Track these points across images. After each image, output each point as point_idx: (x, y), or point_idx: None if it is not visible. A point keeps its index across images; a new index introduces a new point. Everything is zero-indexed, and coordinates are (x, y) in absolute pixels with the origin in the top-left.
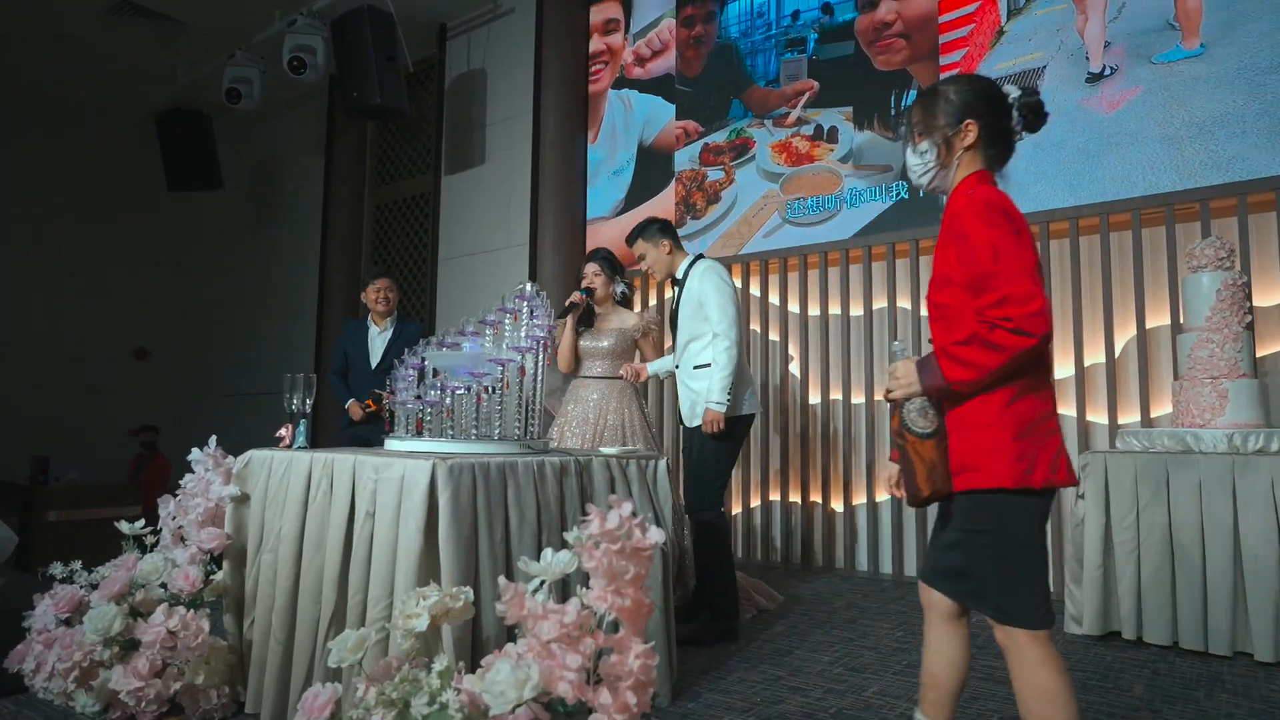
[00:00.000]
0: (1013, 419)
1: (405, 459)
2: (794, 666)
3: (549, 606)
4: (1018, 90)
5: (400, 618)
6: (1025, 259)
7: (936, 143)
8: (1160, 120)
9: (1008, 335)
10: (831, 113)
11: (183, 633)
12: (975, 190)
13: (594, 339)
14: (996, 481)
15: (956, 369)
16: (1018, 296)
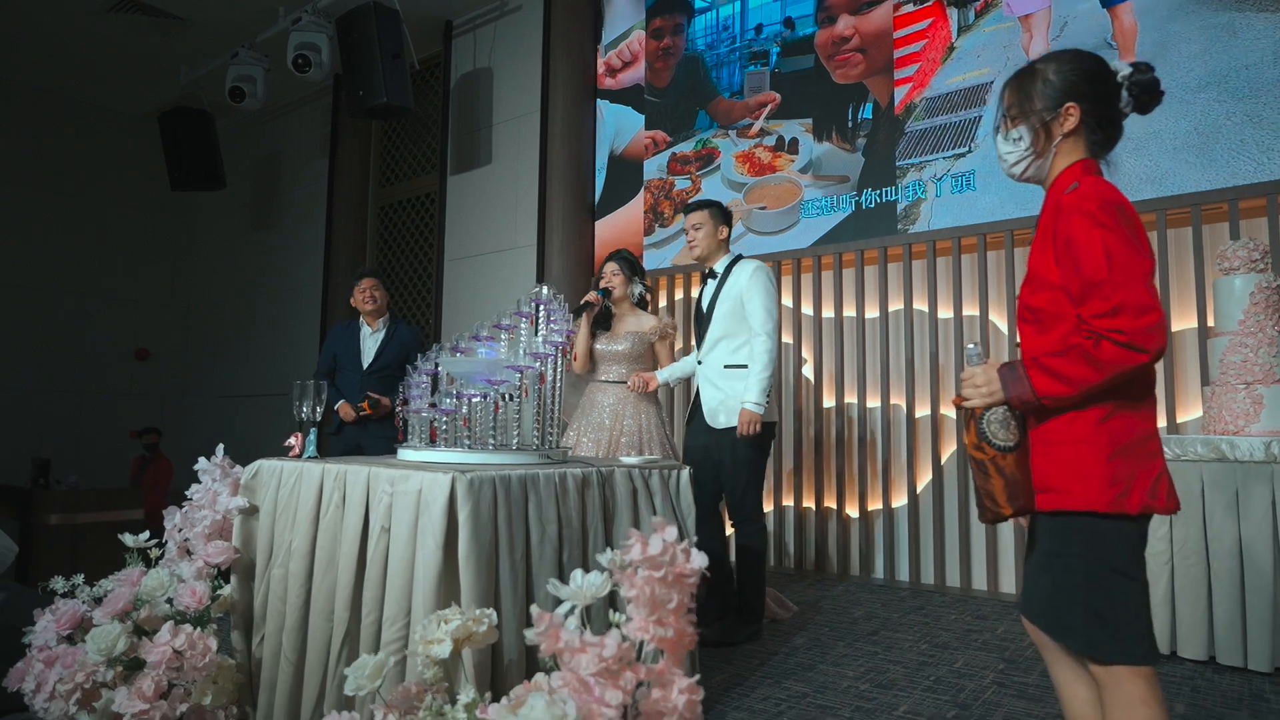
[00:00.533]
0: (1106, 437)
1: (422, 471)
2: (819, 683)
3: (587, 639)
4: (1128, 67)
5: (421, 643)
6: (1141, 264)
7: (1033, 128)
8: None
9: (1117, 350)
10: (792, 124)
11: (189, 652)
12: (1083, 183)
13: (609, 342)
14: (1086, 504)
15: (1049, 382)
16: (1132, 307)
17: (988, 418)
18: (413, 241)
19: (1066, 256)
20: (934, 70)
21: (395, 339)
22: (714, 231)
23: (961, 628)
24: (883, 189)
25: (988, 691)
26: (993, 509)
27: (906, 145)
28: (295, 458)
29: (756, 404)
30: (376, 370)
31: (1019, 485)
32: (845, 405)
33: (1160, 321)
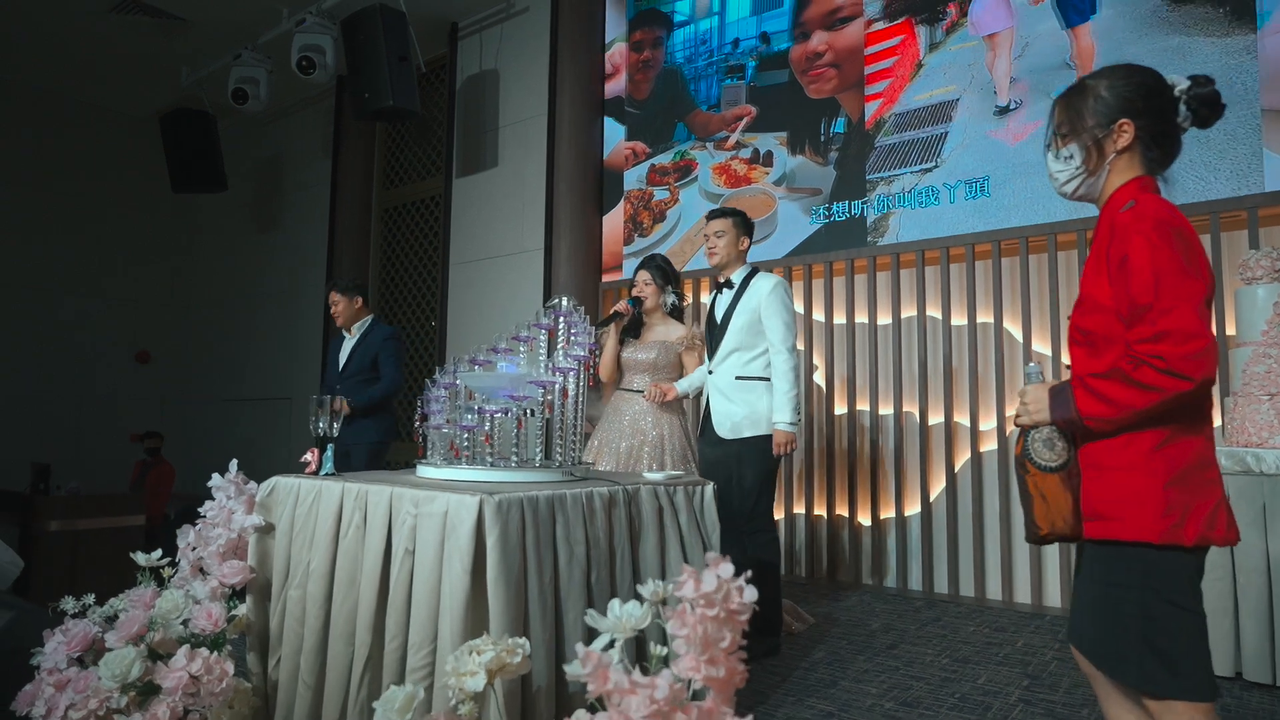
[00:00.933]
0: (1163, 465)
1: (448, 493)
2: (843, 700)
3: (637, 680)
4: (1186, 81)
5: (453, 675)
6: (1193, 289)
7: (1085, 145)
8: None
9: (1158, 375)
10: (767, 137)
11: (206, 677)
12: (1140, 201)
13: (637, 351)
14: (1140, 534)
15: (1092, 403)
16: (1177, 333)
17: (1033, 436)
18: (417, 245)
19: (1120, 277)
20: (903, 86)
21: (364, 342)
22: (735, 241)
23: (981, 640)
24: (853, 201)
25: (1015, 710)
26: (1031, 528)
27: (876, 159)
28: (312, 474)
29: (791, 424)
30: (349, 375)
31: (1059, 508)
32: (857, 412)
33: (1207, 348)
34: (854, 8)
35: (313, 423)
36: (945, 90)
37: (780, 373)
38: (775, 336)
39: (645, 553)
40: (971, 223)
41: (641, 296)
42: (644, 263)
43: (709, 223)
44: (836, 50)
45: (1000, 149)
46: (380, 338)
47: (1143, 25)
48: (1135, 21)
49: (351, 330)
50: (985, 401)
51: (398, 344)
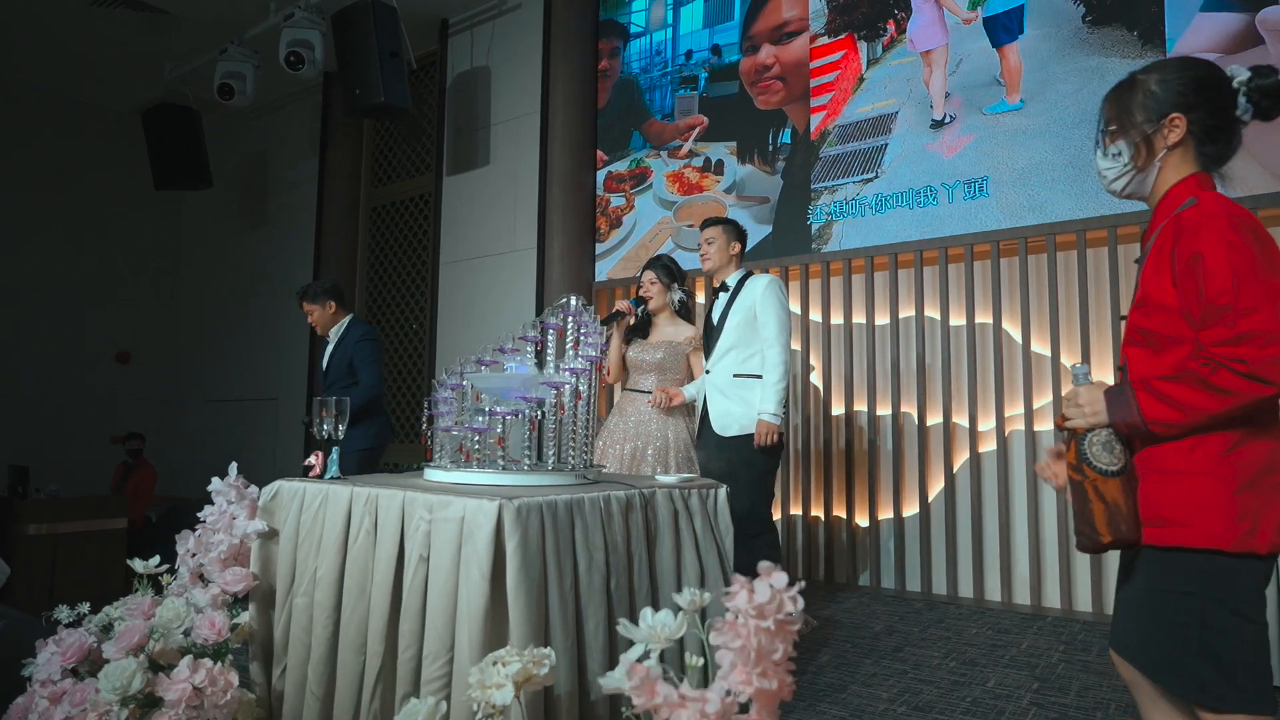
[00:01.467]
0: (1232, 469)
1: (464, 498)
2: (855, 705)
3: (687, 693)
4: (1247, 72)
5: (479, 688)
6: (1273, 289)
7: (1134, 142)
8: (989, 165)
9: (1237, 380)
10: (719, 146)
11: (210, 688)
12: (1202, 198)
13: (643, 351)
14: (1209, 541)
15: (1160, 407)
16: (1260, 335)
17: (1089, 439)
18: (407, 244)
19: (1189, 276)
20: (845, 99)
21: (341, 346)
22: (726, 246)
23: (985, 643)
24: (798, 210)
25: (1028, 714)
26: (1091, 536)
27: (820, 169)
28: (316, 478)
29: (774, 415)
30: (332, 382)
31: (1120, 512)
32: (855, 413)
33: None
34: (800, 23)
35: (316, 425)
36: (885, 104)
37: (770, 365)
38: (769, 332)
39: (661, 557)
40: (909, 231)
41: (647, 296)
42: (650, 262)
43: (702, 231)
44: (783, 64)
45: (936, 160)
46: (355, 339)
47: (1065, 45)
48: (1058, 42)
49: (330, 336)
50: (984, 402)
51: (373, 345)
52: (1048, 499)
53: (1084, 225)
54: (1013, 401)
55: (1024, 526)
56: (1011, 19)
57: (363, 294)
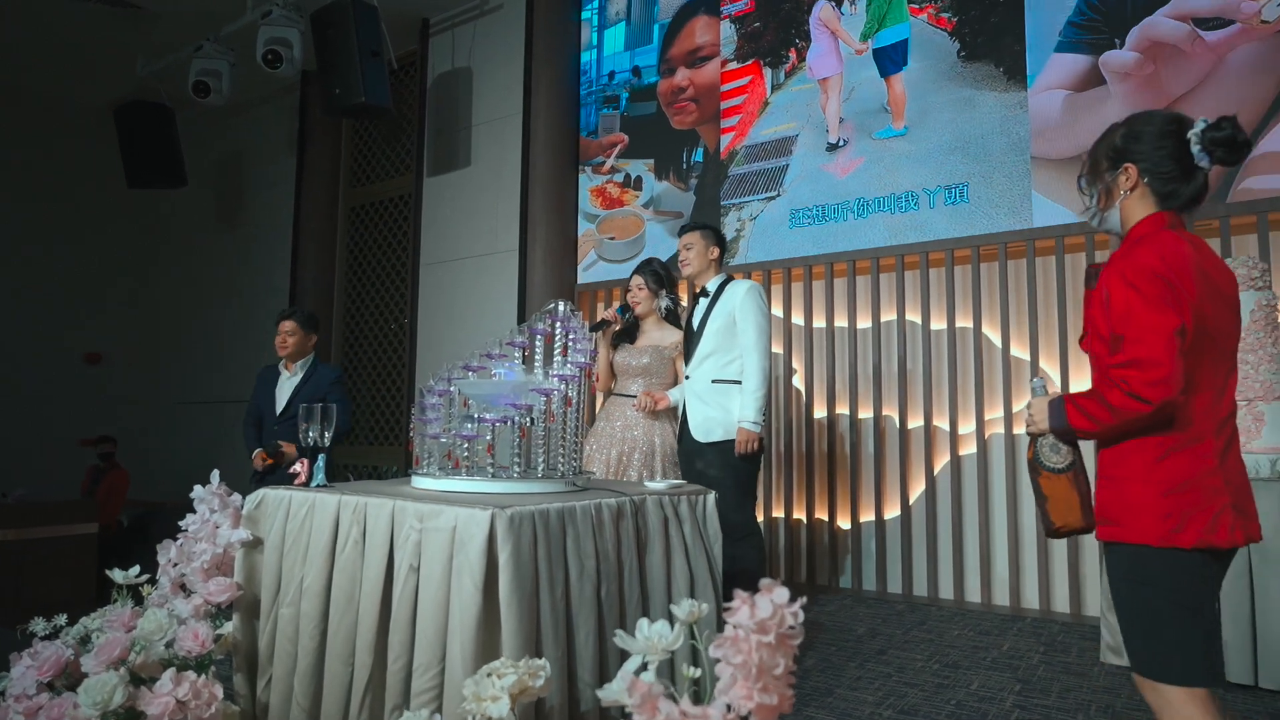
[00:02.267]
0: (1162, 475)
1: (455, 507)
2: (842, 710)
3: (688, 710)
4: (1203, 123)
5: (473, 700)
6: (1161, 323)
7: (1098, 188)
8: (877, 186)
9: (1123, 397)
10: (638, 163)
11: (194, 701)
12: (1135, 245)
13: (630, 356)
14: (1140, 537)
15: (1078, 417)
16: (1142, 361)
17: (1041, 443)
18: (386, 245)
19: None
20: (752, 122)
21: (310, 383)
22: (705, 251)
23: (967, 644)
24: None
25: (1011, 716)
26: (1046, 523)
27: (729, 187)
28: (302, 485)
29: (755, 423)
30: (289, 418)
31: (1069, 503)
32: (837, 416)
33: (1165, 378)
34: (712, 49)
35: (303, 432)
36: (787, 127)
37: (750, 372)
38: (748, 339)
39: (652, 565)
40: (807, 247)
41: (635, 302)
42: (639, 267)
43: (680, 237)
44: (697, 86)
45: (831, 181)
46: (328, 380)
47: (942, 78)
48: (936, 74)
49: (292, 367)
50: (964, 405)
51: (344, 387)
52: (1026, 501)
53: (1064, 231)
54: (992, 405)
55: (1003, 528)
56: (897, 51)
57: (341, 295)
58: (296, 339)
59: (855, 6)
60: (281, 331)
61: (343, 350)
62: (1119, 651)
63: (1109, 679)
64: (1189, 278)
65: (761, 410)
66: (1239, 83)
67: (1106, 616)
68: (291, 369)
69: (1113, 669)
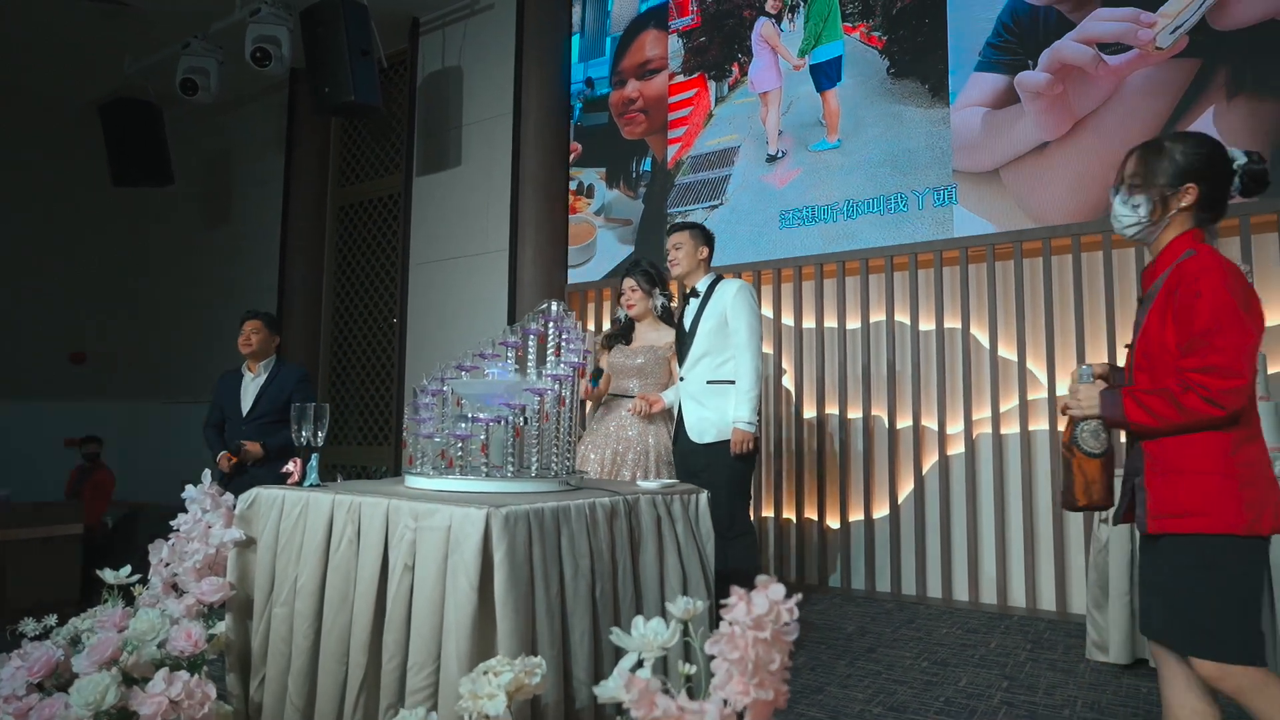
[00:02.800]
0: (1237, 469)
1: (450, 506)
2: (833, 707)
3: (685, 705)
4: (1244, 157)
5: (469, 698)
6: (1245, 335)
7: (1153, 199)
8: (813, 197)
9: (1198, 401)
10: (590, 172)
11: (187, 701)
12: (1201, 251)
13: (625, 356)
14: (1226, 527)
15: (1138, 412)
16: (1222, 369)
17: (1082, 427)
18: (375, 244)
19: (1186, 312)
20: (697, 133)
21: (275, 383)
22: (694, 251)
23: (955, 642)
24: (657, 232)
25: (999, 713)
26: (1069, 499)
27: (675, 195)
28: (295, 485)
29: (749, 423)
30: (256, 418)
31: (1096, 486)
32: (826, 416)
33: (1242, 388)
34: (660, 61)
35: (295, 431)
36: (729, 138)
37: (742, 372)
38: (740, 338)
39: (645, 563)
40: (748, 254)
41: (628, 304)
42: (629, 268)
43: (669, 237)
44: (646, 98)
45: (770, 191)
46: (294, 380)
47: (873, 94)
48: (868, 90)
49: (256, 368)
50: (952, 405)
51: (309, 386)
52: (1014, 500)
53: (1049, 233)
54: (980, 405)
55: (991, 527)
56: (832, 67)
57: (330, 294)
58: (260, 337)
59: (794, 24)
60: (245, 330)
61: (331, 350)
62: (1104, 648)
63: (1094, 675)
64: (1254, 294)
65: (755, 410)
66: (1138, 104)
67: (1093, 614)
68: (255, 370)
69: (1098, 665)
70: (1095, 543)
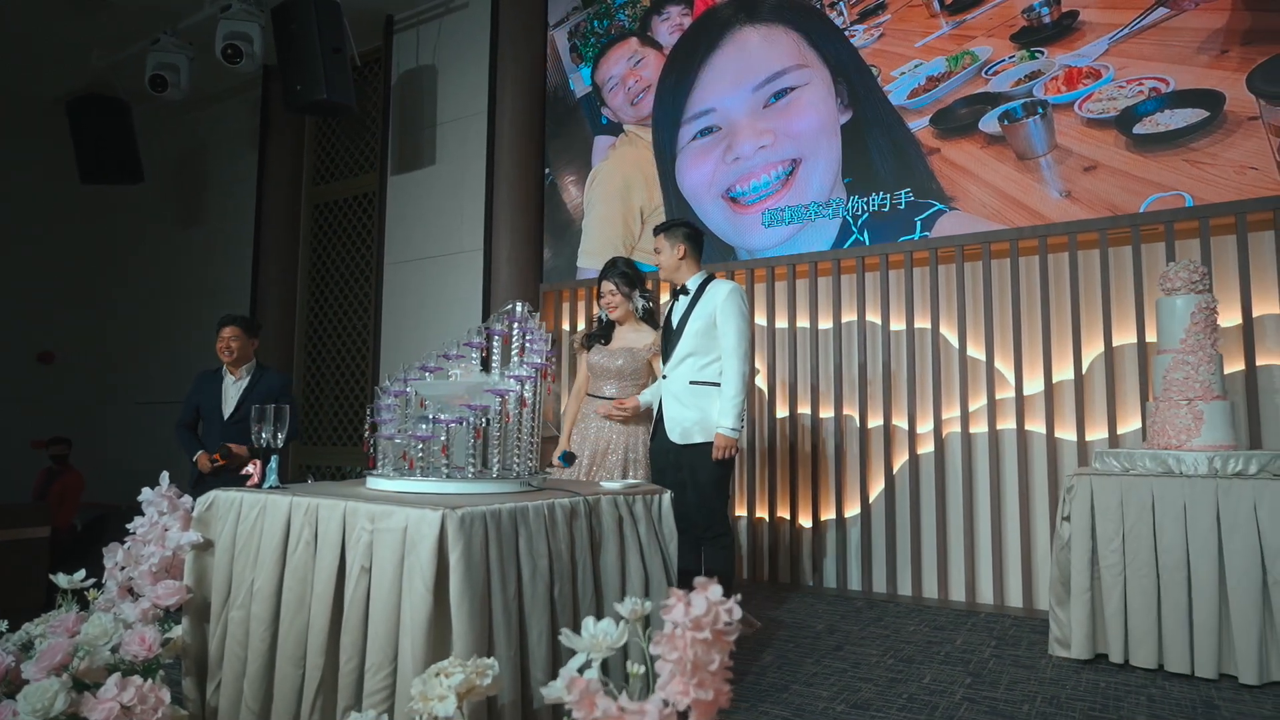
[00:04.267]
0: None
1: (406, 508)
2: (796, 705)
3: (624, 705)
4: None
5: (420, 700)
6: None
7: None
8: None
9: None
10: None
11: (139, 707)
12: None
13: (604, 357)
14: None
15: None
16: None
17: None
18: (349, 243)
19: None
20: None
21: (259, 387)
22: (671, 252)
23: (922, 640)
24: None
25: (960, 709)
26: None
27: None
28: (254, 487)
29: (733, 429)
30: (238, 420)
31: None
32: (799, 415)
33: None
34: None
35: (255, 432)
36: None
37: (729, 378)
38: (729, 342)
39: (606, 564)
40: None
41: (609, 307)
42: (606, 270)
43: (655, 237)
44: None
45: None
46: (278, 386)
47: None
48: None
49: (238, 372)
50: (923, 405)
51: (291, 393)
52: (982, 500)
53: (1016, 235)
54: (949, 404)
55: (959, 526)
56: None
57: (304, 293)
58: (240, 344)
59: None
60: (223, 338)
61: (306, 350)
62: (1066, 644)
63: (1056, 670)
64: None
65: (740, 416)
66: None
67: (1055, 611)
68: (237, 374)
69: (1060, 661)
70: (1058, 540)
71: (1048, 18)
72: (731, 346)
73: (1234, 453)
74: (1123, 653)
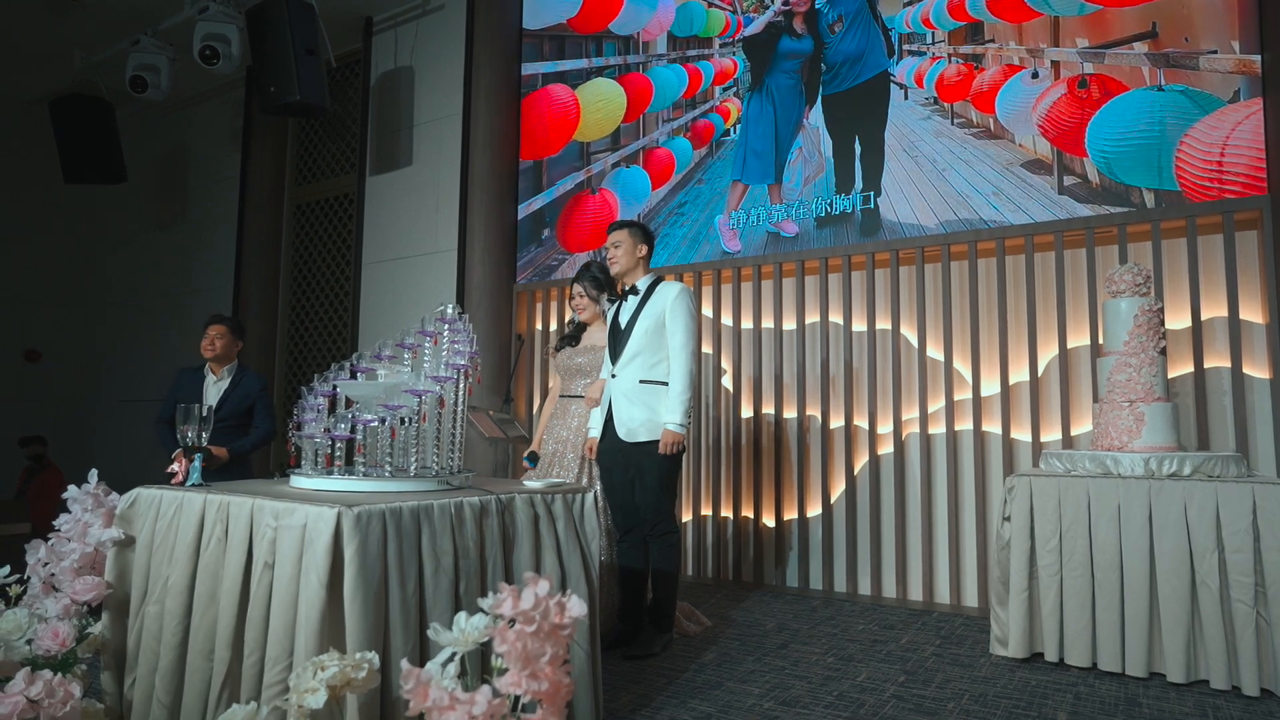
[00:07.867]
0: None
1: (308, 505)
2: (724, 702)
3: (457, 695)
4: None
5: (294, 693)
6: None
7: None
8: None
9: None
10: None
11: (47, 700)
12: None
13: (574, 356)
14: None
15: None
16: None
17: None
18: (330, 243)
19: None
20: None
21: (239, 389)
22: (633, 249)
23: (868, 638)
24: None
25: (887, 706)
26: None
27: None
28: (178, 484)
29: (680, 425)
30: (219, 421)
31: None
32: (762, 415)
33: None
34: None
35: (180, 432)
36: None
37: (676, 375)
38: (676, 341)
39: (519, 561)
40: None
41: (578, 309)
42: (579, 274)
43: (609, 234)
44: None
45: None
46: (258, 388)
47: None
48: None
49: (220, 371)
50: (883, 405)
51: (269, 395)
52: (940, 499)
53: (975, 237)
54: (909, 405)
55: (918, 526)
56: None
57: (286, 293)
58: (225, 342)
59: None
60: (210, 334)
61: (287, 348)
62: (1005, 643)
63: (992, 669)
64: None
65: (687, 413)
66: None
67: (995, 610)
68: (219, 373)
69: (999, 660)
70: (998, 540)
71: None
72: (680, 345)
73: (1170, 454)
74: (1058, 651)
